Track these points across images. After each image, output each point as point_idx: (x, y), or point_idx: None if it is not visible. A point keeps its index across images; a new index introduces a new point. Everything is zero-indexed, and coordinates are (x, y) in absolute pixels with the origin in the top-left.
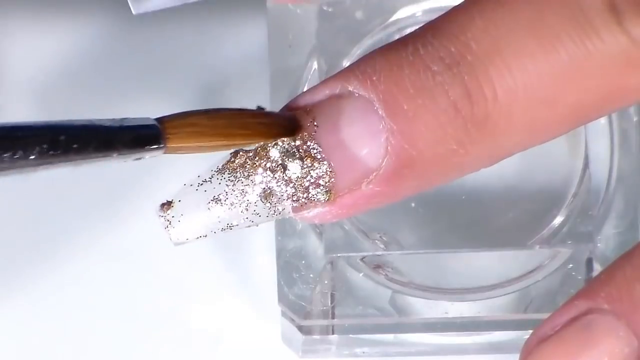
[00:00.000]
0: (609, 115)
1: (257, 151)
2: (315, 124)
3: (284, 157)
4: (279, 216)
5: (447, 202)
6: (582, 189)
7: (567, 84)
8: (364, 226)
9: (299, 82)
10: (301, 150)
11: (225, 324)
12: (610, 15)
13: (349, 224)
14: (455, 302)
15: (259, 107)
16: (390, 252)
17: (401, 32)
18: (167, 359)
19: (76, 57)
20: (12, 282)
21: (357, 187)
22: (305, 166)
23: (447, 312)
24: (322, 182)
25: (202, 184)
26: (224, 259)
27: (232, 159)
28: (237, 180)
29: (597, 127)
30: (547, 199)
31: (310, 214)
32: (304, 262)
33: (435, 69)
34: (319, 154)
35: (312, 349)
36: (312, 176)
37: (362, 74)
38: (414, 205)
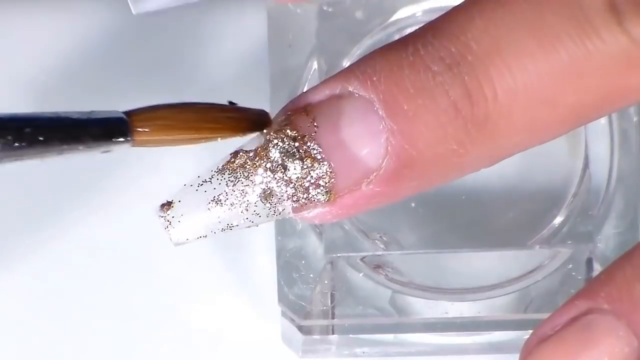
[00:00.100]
0: (609, 115)
1: (257, 151)
2: (315, 124)
3: (284, 157)
4: (279, 216)
5: (447, 202)
6: (582, 189)
7: (567, 84)
8: (364, 226)
9: (299, 82)
10: (301, 150)
11: (225, 324)
12: (610, 15)
13: (349, 224)
14: (455, 302)
15: (230, 102)
16: (390, 252)
17: (401, 32)
18: (167, 359)
19: (76, 57)
20: (11, 282)
21: (357, 188)
22: (305, 166)
23: (447, 312)
24: (322, 182)
25: (202, 184)
26: (224, 259)
27: (232, 160)
28: (237, 180)
29: (597, 127)
30: (547, 199)
31: (310, 214)
32: (304, 262)
33: (435, 69)
34: (319, 154)
35: (312, 349)
36: (312, 176)
37: (362, 74)
38: (414, 205)
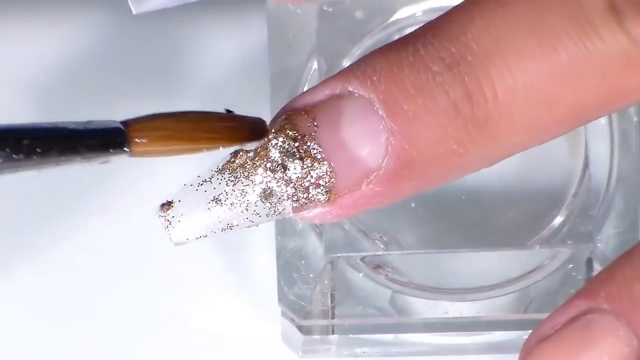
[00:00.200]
0: (609, 115)
1: (257, 151)
2: (315, 124)
3: (284, 157)
4: (279, 216)
5: (447, 202)
6: (582, 189)
7: (567, 84)
8: (364, 226)
9: (299, 82)
10: (301, 150)
11: (225, 324)
12: (610, 15)
13: (349, 224)
14: (455, 302)
15: (227, 110)
16: (390, 252)
17: (401, 32)
18: (167, 359)
19: (76, 57)
20: (11, 282)
21: (357, 188)
22: (305, 166)
23: (447, 312)
24: (322, 182)
25: (202, 184)
26: (224, 259)
27: (232, 159)
28: (237, 180)
29: (597, 127)
30: (547, 199)
31: (310, 214)
32: (304, 262)
33: (435, 69)
34: (319, 154)
35: (312, 349)
36: (312, 176)
37: (362, 74)
38: (414, 205)
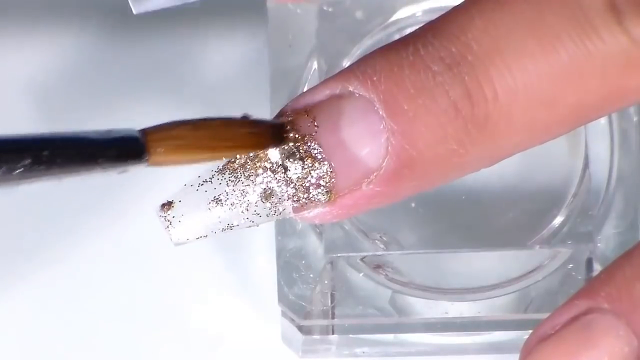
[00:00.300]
0: (609, 115)
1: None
2: (315, 124)
3: (285, 157)
4: (280, 216)
5: (447, 202)
6: (582, 189)
7: (567, 84)
8: (364, 226)
9: (299, 82)
10: (302, 150)
11: (225, 324)
12: (610, 15)
13: (349, 224)
14: (455, 302)
15: (245, 116)
16: (390, 252)
17: (401, 32)
18: (167, 359)
19: (76, 57)
20: (11, 281)
21: (357, 188)
22: (305, 166)
23: (447, 312)
24: (322, 182)
25: (202, 184)
26: (224, 259)
27: (233, 159)
28: (238, 180)
29: (597, 127)
30: (547, 199)
31: (310, 214)
32: (304, 262)
33: (435, 69)
34: (320, 154)
35: (312, 349)
36: (312, 176)
37: (362, 74)
38: (414, 205)
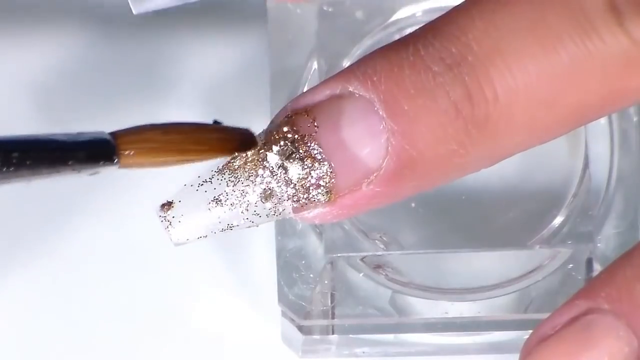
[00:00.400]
0: (609, 115)
1: (258, 152)
2: (315, 124)
3: (285, 157)
4: (279, 217)
5: (448, 202)
6: (582, 189)
7: (568, 84)
8: (364, 226)
9: (299, 82)
10: (302, 150)
11: (225, 324)
12: (611, 15)
13: (349, 224)
14: (455, 302)
15: (215, 122)
16: (390, 252)
17: (401, 32)
18: (167, 358)
19: (76, 57)
20: (11, 281)
21: (357, 188)
22: (305, 167)
23: (447, 312)
24: (322, 182)
25: (202, 185)
26: (224, 259)
27: (233, 160)
28: (238, 180)
29: (597, 127)
30: (547, 199)
31: (310, 214)
32: (304, 262)
33: (435, 69)
34: (320, 154)
35: (312, 349)
36: (312, 177)
37: (362, 74)
38: (414, 205)
